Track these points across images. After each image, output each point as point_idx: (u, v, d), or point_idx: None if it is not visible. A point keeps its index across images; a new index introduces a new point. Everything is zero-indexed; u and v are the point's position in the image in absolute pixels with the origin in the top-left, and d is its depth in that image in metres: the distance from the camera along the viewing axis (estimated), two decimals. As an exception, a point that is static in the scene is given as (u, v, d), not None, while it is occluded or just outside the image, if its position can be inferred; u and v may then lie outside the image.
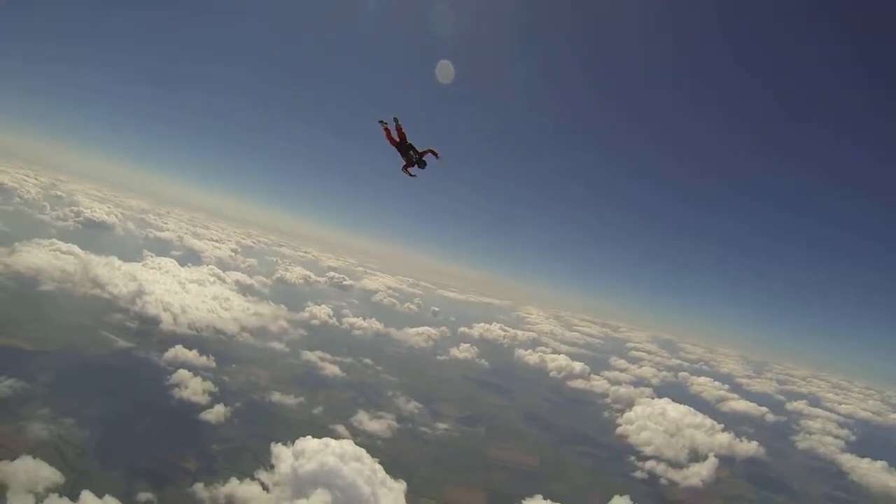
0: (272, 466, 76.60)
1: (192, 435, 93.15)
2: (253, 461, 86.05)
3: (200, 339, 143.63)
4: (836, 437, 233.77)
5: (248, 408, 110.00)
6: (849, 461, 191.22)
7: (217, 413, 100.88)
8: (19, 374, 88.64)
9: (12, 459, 64.30)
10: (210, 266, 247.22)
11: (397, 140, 27.28)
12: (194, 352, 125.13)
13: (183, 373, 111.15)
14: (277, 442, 78.79)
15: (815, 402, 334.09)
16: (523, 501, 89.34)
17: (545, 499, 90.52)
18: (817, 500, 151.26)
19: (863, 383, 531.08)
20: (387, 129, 27.19)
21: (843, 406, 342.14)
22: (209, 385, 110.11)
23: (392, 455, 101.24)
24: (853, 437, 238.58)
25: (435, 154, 27.25)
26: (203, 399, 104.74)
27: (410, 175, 28.00)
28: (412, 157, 27.33)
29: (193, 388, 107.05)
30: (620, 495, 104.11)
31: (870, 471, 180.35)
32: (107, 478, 71.50)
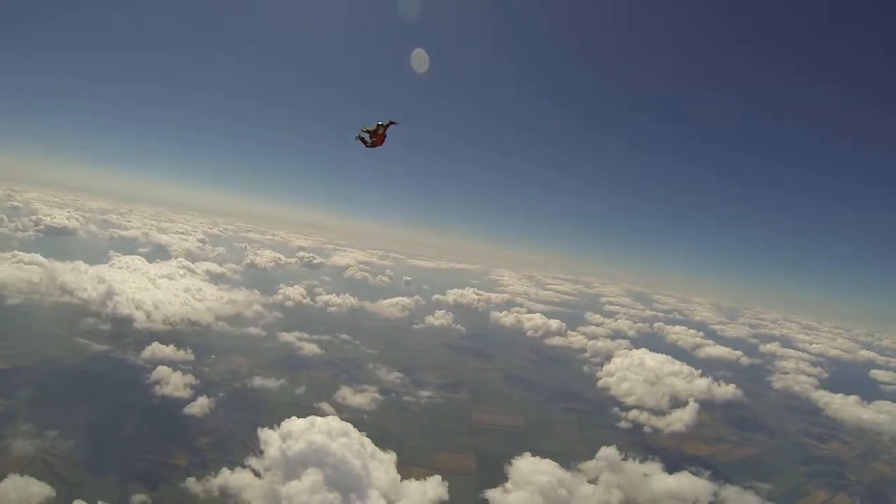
0: (261, 452, 76.56)
1: (178, 431, 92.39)
2: (242, 449, 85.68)
3: (176, 333, 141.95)
4: (810, 375, 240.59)
5: (231, 396, 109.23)
6: (823, 397, 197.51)
7: (201, 405, 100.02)
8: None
9: (0, 480, 63.28)
10: (179, 259, 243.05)
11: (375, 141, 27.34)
12: (171, 347, 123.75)
13: (162, 369, 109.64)
14: (264, 427, 78.77)
15: (787, 343, 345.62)
16: (513, 460, 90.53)
17: (534, 456, 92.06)
18: (795, 437, 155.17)
19: (831, 323, 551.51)
20: (364, 140, 27.18)
21: (814, 345, 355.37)
22: (190, 378, 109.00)
23: (379, 427, 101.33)
24: (825, 375, 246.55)
25: (394, 123, 27.12)
26: (185, 393, 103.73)
27: (365, 144, 27.62)
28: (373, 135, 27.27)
29: (174, 383, 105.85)
30: (607, 446, 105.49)
31: (843, 405, 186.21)
32: (99, 485, 70.82)
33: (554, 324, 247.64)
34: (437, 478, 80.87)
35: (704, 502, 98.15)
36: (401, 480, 77.65)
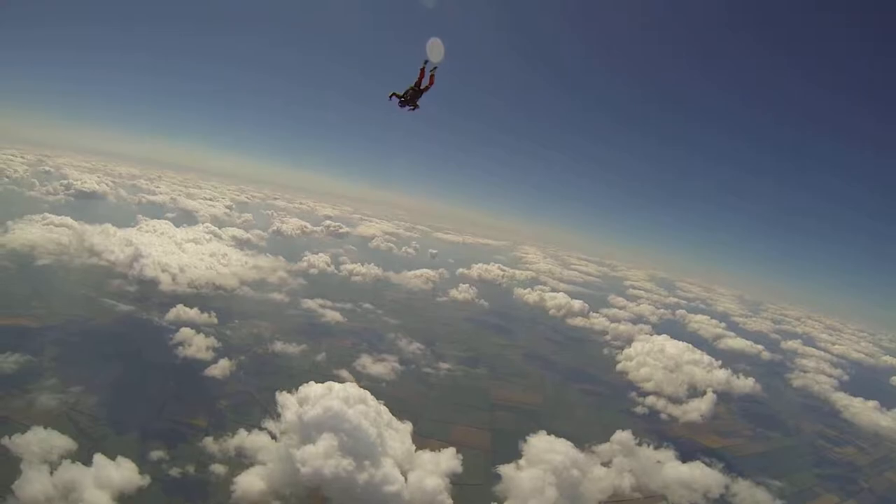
0: (279, 415, 77.54)
1: (199, 392, 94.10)
2: (260, 412, 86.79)
3: (201, 296, 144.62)
4: (830, 376, 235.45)
5: (252, 360, 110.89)
6: (841, 400, 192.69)
7: (222, 368, 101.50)
8: (24, 350, 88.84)
9: (23, 432, 64.95)
10: (205, 224, 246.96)
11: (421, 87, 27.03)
12: (195, 310, 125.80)
13: (186, 331, 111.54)
14: (282, 391, 79.65)
15: (809, 341, 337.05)
16: (528, 438, 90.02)
17: (549, 435, 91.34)
18: (810, 437, 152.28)
19: (855, 326, 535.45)
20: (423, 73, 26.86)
21: (836, 347, 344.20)
22: (212, 341, 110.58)
23: (397, 397, 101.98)
24: (846, 377, 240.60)
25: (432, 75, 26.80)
26: (207, 355, 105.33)
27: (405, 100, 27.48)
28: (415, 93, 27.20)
29: (197, 345, 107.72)
30: (622, 430, 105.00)
31: (862, 410, 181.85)
32: (120, 441, 72.32)
33: (577, 304, 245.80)
34: (452, 450, 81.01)
35: (716, 494, 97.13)
36: (415, 451, 78.28)
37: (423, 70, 26.35)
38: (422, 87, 26.80)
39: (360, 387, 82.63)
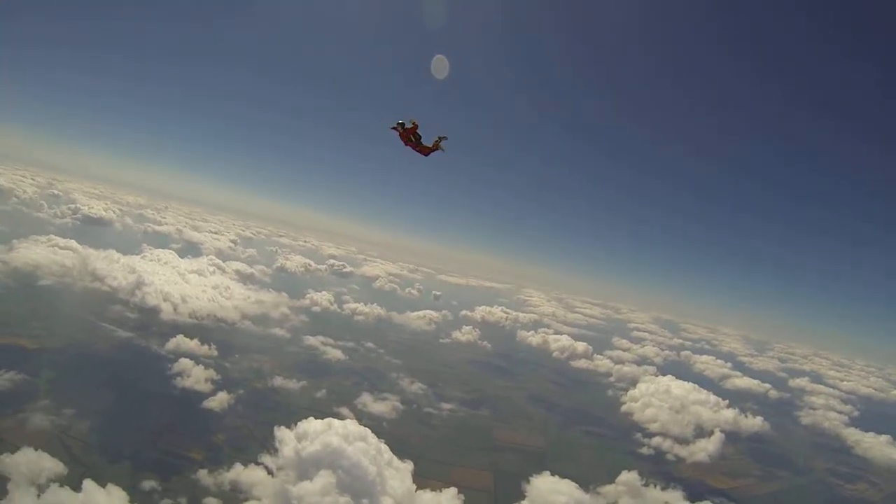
0: (276, 450, 75.69)
1: (195, 423, 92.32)
2: (257, 447, 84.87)
3: (202, 327, 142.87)
4: (840, 412, 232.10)
5: (251, 394, 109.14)
6: (853, 435, 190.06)
7: (220, 401, 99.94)
8: (20, 369, 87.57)
9: (13, 452, 63.32)
10: (210, 257, 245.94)
11: (410, 137, 26.73)
12: (196, 341, 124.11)
13: (185, 362, 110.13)
14: (281, 426, 77.92)
15: (816, 378, 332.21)
16: (531, 479, 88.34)
17: (553, 476, 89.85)
18: (821, 475, 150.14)
19: (863, 361, 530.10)
20: (401, 132, 26.61)
21: (845, 383, 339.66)
22: (211, 373, 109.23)
23: (398, 436, 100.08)
24: (856, 413, 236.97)
25: (442, 140, 26.74)
26: (206, 387, 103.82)
27: (403, 138, 26.97)
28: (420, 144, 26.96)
29: (196, 376, 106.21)
30: (628, 471, 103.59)
31: (874, 445, 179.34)
32: (111, 469, 70.67)
33: (580, 346, 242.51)
34: (453, 490, 79.19)
35: None
36: (416, 490, 76.12)
37: (437, 143, 26.67)
38: (422, 146, 26.80)
39: (361, 425, 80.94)
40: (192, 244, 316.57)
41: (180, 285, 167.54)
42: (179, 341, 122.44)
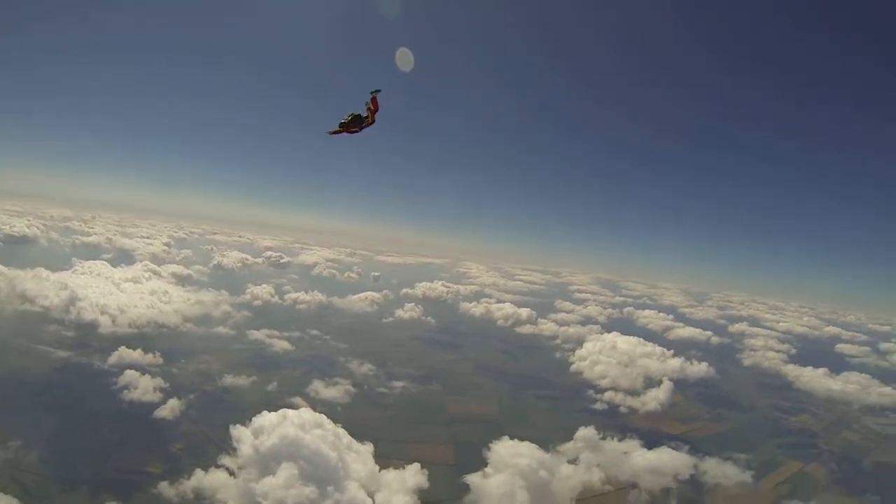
0: (234, 450, 74.12)
1: (149, 436, 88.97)
2: (215, 450, 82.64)
3: (143, 336, 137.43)
4: (778, 351, 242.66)
5: (202, 397, 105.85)
6: (792, 372, 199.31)
7: (172, 408, 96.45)
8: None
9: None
10: (144, 263, 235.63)
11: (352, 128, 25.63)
12: (139, 351, 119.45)
13: (130, 374, 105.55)
14: (236, 424, 76.22)
15: (754, 322, 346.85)
16: (491, 446, 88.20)
17: (512, 440, 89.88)
18: (766, 411, 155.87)
19: (797, 303, 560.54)
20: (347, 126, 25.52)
21: (780, 324, 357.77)
22: (159, 381, 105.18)
23: (354, 419, 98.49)
24: (793, 351, 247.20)
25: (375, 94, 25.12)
26: (155, 397, 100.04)
27: (349, 130, 25.73)
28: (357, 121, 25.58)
29: (143, 387, 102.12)
30: (585, 427, 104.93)
31: (812, 378, 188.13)
32: (69, 497, 67.70)
33: (524, 312, 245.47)
34: (416, 466, 78.95)
35: (685, 475, 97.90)
36: (379, 471, 75.89)
37: (374, 100, 25.05)
38: (367, 119, 25.47)
39: (316, 412, 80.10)
40: (124, 252, 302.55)
41: (116, 296, 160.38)
42: (122, 353, 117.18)
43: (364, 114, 25.20)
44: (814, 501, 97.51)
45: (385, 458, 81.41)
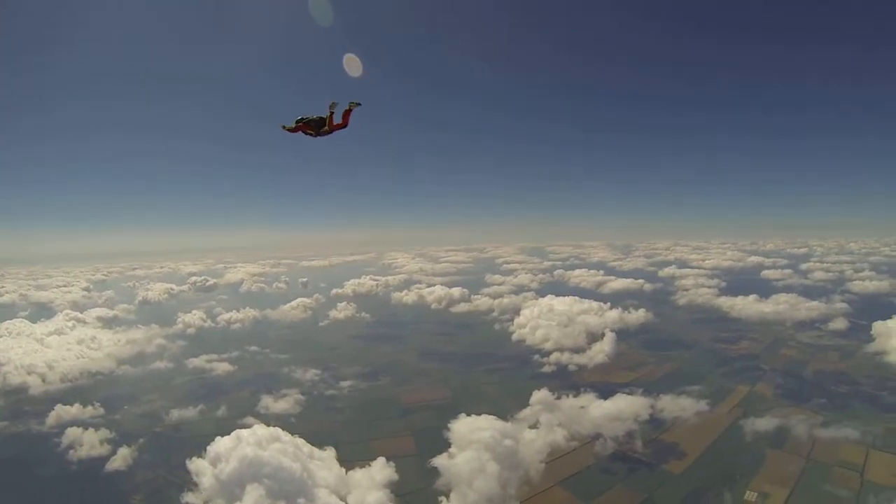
0: (196, 485, 69.90)
1: (106, 492, 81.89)
2: (177, 491, 76.87)
3: (78, 389, 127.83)
4: (709, 287, 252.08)
5: (152, 440, 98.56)
6: (725, 303, 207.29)
7: (123, 458, 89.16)
8: None
9: None
10: (65, 312, 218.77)
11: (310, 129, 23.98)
12: (76, 405, 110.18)
13: (73, 431, 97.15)
14: (192, 458, 71.79)
15: (682, 264, 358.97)
16: (450, 426, 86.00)
17: (469, 416, 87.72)
18: (708, 344, 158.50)
19: (718, 240, 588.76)
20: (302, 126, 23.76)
21: (707, 261, 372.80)
22: (104, 433, 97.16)
23: (310, 427, 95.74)
24: (723, 284, 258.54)
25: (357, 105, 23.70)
26: (103, 450, 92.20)
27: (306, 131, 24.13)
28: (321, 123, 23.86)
29: (89, 442, 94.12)
30: (538, 390, 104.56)
31: (745, 305, 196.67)
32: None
33: (456, 292, 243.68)
34: (382, 460, 76.96)
35: (645, 416, 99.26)
36: (346, 473, 73.65)
37: (347, 113, 23.57)
38: (334, 125, 23.81)
39: (269, 426, 76.60)
40: (41, 305, 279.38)
41: (42, 352, 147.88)
42: (59, 412, 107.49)
43: (328, 121, 23.70)
44: (768, 416, 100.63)
45: (349, 461, 78.60)
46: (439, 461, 78.27)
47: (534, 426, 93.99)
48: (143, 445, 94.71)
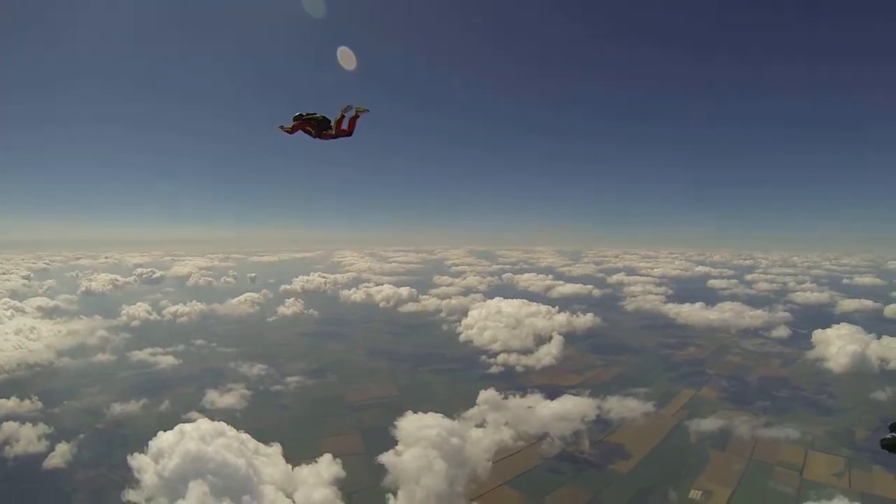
0: (137, 482, 67.36)
1: (44, 491, 77.60)
2: (118, 488, 72.41)
3: (16, 381, 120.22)
4: (657, 294, 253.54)
5: (93, 435, 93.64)
6: (672, 310, 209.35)
7: (62, 454, 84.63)
8: None
9: None
10: (2, 300, 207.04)
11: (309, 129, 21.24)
12: (13, 398, 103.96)
13: (8, 425, 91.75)
14: (134, 454, 69.03)
15: (631, 272, 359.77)
16: (396, 423, 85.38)
17: (416, 414, 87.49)
18: (655, 349, 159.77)
19: (667, 250, 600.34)
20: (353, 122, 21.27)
21: (655, 270, 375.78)
22: (42, 428, 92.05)
23: (256, 423, 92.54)
24: (670, 292, 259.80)
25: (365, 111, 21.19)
26: (41, 446, 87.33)
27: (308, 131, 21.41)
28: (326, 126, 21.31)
29: (26, 437, 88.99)
30: (485, 390, 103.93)
31: (691, 312, 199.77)
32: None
33: (405, 291, 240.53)
34: (328, 456, 75.33)
35: (592, 416, 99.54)
36: (292, 469, 72.13)
37: (353, 119, 21.11)
38: (340, 129, 21.26)
39: (214, 421, 74.49)
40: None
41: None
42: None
43: (336, 124, 21.18)
44: (712, 418, 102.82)
45: (296, 458, 76.30)
46: (386, 458, 77.43)
47: (481, 425, 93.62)
48: (83, 441, 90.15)
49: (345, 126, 21.28)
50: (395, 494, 71.56)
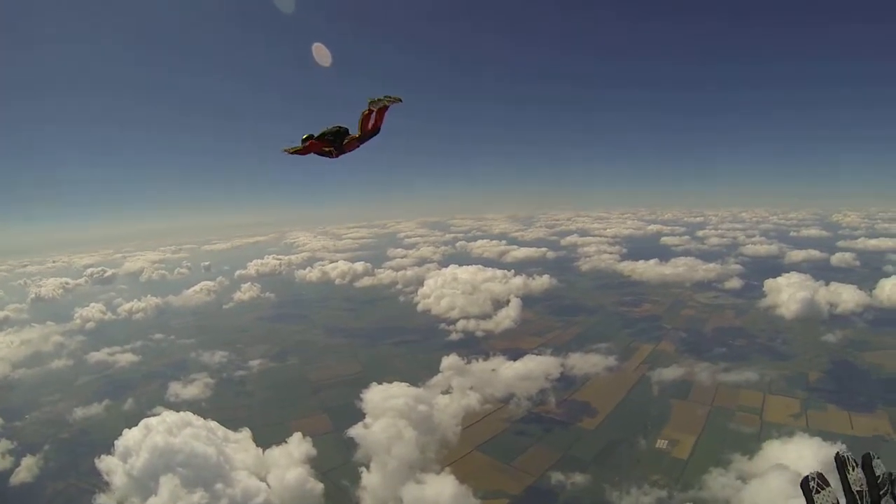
0: (107, 485, 64.93)
1: (12, 506, 72.90)
2: (90, 496, 69.42)
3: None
4: (611, 253, 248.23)
5: (58, 445, 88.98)
6: (627, 267, 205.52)
7: (28, 469, 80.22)
8: None
9: None
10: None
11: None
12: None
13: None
14: (101, 456, 66.29)
15: (584, 233, 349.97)
16: (362, 396, 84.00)
17: (380, 384, 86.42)
18: (612, 308, 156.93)
19: (619, 210, 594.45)
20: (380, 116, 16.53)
21: (608, 230, 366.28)
22: (5, 444, 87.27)
23: (222, 411, 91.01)
24: (624, 250, 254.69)
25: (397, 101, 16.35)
26: (6, 463, 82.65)
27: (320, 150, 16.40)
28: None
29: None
30: (447, 356, 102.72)
31: (646, 269, 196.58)
32: None
33: (359, 266, 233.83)
34: (298, 435, 74.31)
35: (556, 374, 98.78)
36: (263, 453, 70.91)
37: (381, 112, 16.52)
38: (368, 128, 16.66)
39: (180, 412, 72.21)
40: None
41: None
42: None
43: (362, 124, 16.51)
44: (672, 367, 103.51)
45: (265, 441, 74.97)
46: (356, 431, 76.10)
47: (447, 391, 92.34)
48: (48, 453, 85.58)
49: (372, 122, 16.81)
50: (367, 468, 70.25)
